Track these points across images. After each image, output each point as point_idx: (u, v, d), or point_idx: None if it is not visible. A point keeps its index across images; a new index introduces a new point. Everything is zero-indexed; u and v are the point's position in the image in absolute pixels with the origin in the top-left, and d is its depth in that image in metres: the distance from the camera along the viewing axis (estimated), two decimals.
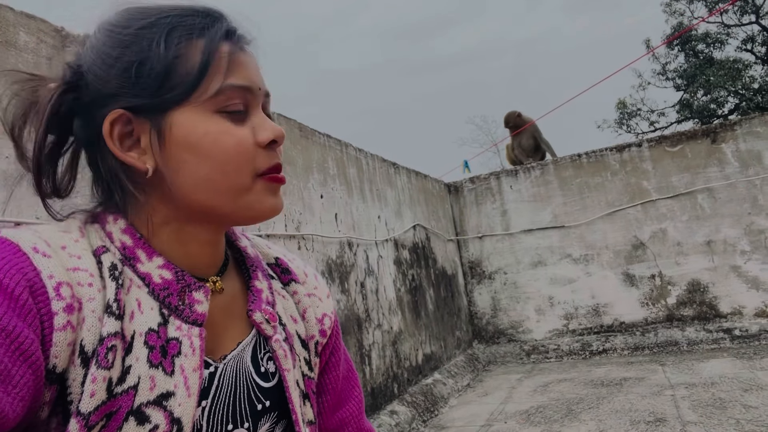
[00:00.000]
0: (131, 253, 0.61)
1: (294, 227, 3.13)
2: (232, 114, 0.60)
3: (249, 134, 0.61)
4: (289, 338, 0.71)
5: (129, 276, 0.59)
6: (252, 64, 0.63)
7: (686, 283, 5.11)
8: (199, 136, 0.59)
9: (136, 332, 0.57)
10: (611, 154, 5.46)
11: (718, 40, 15.07)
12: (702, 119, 14.84)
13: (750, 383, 3.60)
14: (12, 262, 0.51)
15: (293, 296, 0.75)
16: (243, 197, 0.61)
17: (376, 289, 3.94)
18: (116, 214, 0.63)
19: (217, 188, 0.60)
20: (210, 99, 0.59)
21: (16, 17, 1.79)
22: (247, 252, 0.74)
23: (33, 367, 0.48)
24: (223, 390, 0.62)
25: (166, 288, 0.60)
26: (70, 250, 0.57)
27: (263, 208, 0.63)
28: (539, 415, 3.59)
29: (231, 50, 0.61)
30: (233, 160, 0.59)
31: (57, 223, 0.62)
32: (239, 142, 0.60)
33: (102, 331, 0.54)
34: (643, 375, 4.24)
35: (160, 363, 0.57)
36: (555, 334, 5.56)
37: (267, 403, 0.66)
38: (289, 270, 0.78)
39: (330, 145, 3.77)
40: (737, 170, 4.98)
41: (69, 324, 0.52)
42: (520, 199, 5.79)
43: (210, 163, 0.59)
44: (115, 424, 0.53)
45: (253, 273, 0.72)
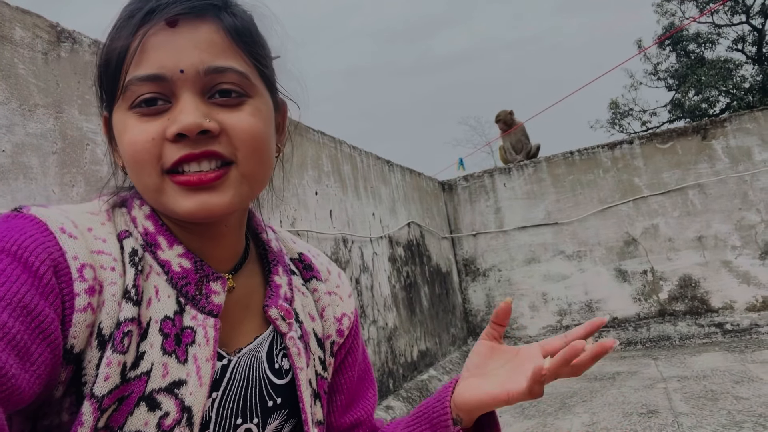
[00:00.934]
0: (153, 239, 0.61)
1: (289, 223, 3.15)
2: (144, 108, 0.56)
3: (155, 129, 0.55)
4: (305, 336, 0.69)
5: (149, 262, 0.59)
6: (175, 43, 0.56)
7: (678, 279, 5.16)
8: (116, 135, 0.59)
9: (152, 319, 0.57)
10: (603, 152, 5.51)
11: (709, 40, 15.22)
12: (693, 119, 14.95)
13: (741, 375, 3.64)
14: (39, 240, 0.51)
15: (313, 293, 0.74)
16: (160, 197, 0.57)
17: (371, 285, 3.96)
18: (142, 200, 0.63)
19: (138, 185, 0.59)
20: (122, 97, 0.57)
21: (11, 12, 1.80)
22: (270, 246, 0.72)
23: (51, 346, 0.48)
24: (235, 383, 0.61)
25: (185, 277, 0.60)
26: (96, 233, 0.57)
27: (181, 212, 0.57)
28: (533, 408, 3.62)
29: (144, 33, 0.55)
30: (131, 157, 0.57)
31: (86, 204, 0.62)
32: (134, 140, 0.56)
33: (119, 315, 0.54)
34: (635, 369, 4.28)
35: (173, 351, 0.57)
36: (549, 330, 5.60)
37: (278, 400, 0.65)
38: (311, 266, 0.76)
39: (324, 142, 3.79)
40: (727, 166, 5.04)
41: (89, 306, 0.52)
42: (513, 196, 5.83)
43: (125, 162, 0.59)
44: (126, 408, 0.53)
45: (274, 268, 0.70)
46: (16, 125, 1.75)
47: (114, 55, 0.57)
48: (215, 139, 0.56)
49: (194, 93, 0.56)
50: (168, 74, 0.55)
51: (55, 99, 1.89)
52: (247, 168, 0.58)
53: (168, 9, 0.56)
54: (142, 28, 0.56)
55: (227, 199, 0.57)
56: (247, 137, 0.58)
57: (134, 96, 0.56)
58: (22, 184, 1.73)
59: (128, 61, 0.56)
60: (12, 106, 1.74)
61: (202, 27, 0.57)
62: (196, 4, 0.57)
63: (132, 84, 0.55)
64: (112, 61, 0.58)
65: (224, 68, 0.57)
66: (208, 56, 0.56)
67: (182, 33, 0.56)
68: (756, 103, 13.63)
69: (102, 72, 0.59)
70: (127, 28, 0.57)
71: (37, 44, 1.87)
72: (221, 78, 0.57)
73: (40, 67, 1.87)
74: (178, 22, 0.56)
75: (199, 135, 0.55)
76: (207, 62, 0.56)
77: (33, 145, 1.79)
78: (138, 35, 0.56)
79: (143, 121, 0.56)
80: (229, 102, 0.57)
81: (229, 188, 0.57)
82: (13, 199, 1.69)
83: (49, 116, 1.86)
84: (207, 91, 0.57)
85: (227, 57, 0.58)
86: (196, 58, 0.56)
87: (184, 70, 0.55)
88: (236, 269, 0.67)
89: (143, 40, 0.55)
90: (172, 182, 0.56)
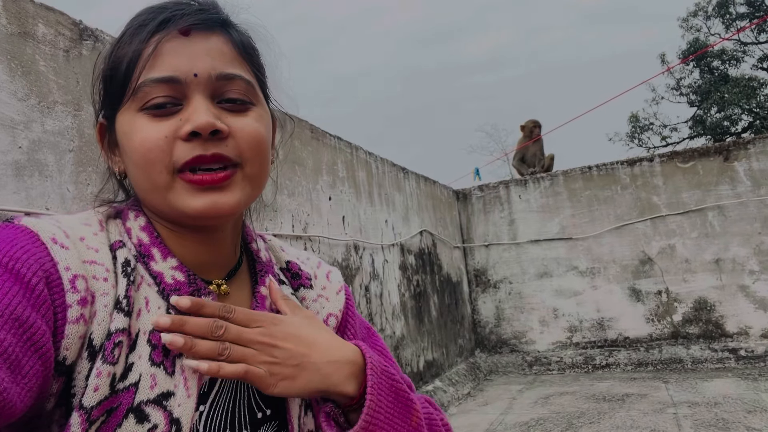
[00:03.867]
0: (146, 250, 0.61)
1: (301, 228, 3.13)
2: (155, 109, 0.58)
3: (167, 128, 0.57)
4: None
5: (141, 273, 0.60)
6: (189, 49, 0.59)
7: (693, 301, 5.06)
8: (121, 136, 0.60)
9: (141, 330, 0.57)
10: (622, 168, 5.43)
11: (734, 57, 15.00)
12: (715, 136, 14.75)
13: (754, 405, 3.56)
14: (30, 251, 0.51)
15: (302, 302, 0.74)
16: (167, 195, 0.58)
17: (381, 293, 3.93)
18: (138, 211, 0.64)
19: (145, 187, 0.60)
20: (133, 98, 0.58)
21: (35, 9, 1.80)
22: (258, 255, 0.72)
23: (43, 359, 0.48)
24: (223, 396, 0.61)
25: (177, 290, 0.60)
26: (89, 243, 0.57)
27: (188, 210, 0.58)
28: (539, 427, 3.57)
29: (159, 39, 0.58)
30: (143, 157, 0.57)
31: (78, 214, 0.62)
32: (146, 138, 0.57)
33: (110, 326, 0.54)
34: (645, 392, 4.20)
35: (161, 362, 0.56)
36: (558, 347, 5.53)
37: (267, 412, 0.65)
38: (299, 274, 0.76)
39: (340, 147, 3.77)
40: (749, 189, 4.94)
41: (82, 317, 0.52)
42: (528, 209, 5.77)
43: (132, 162, 0.59)
44: (115, 420, 0.53)
45: (261, 278, 0.70)
46: (34, 122, 1.74)
47: (125, 59, 0.59)
48: (223, 142, 0.58)
49: (205, 96, 0.59)
50: (182, 77, 0.58)
51: (74, 97, 1.89)
52: (251, 170, 0.61)
53: (183, 19, 0.59)
54: (157, 35, 0.58)
55: (235, 198, 0.59)
56: (252, 140, 0.60)
57: (147, 97, 0.58)
58: (37, 182, 1.73)
59: (141, 64, 0.58)
60: (31, 102, 1.74)
61: (212, 38, 0.61)
62: (208, 18, 0.61)
63: (146, 85, 0.57)
64: (122, 65, 0.59)
65: (233, 75, 0.60)
66: (219, 63, 0.60)
67: (195, 41, 0.60)
68: None
69: (108, 76, 0.61)
70: (139, 35, 0.59)
71: (60, 41, 1.87)
72: (230, 85, 0.60)
73: (61, 65, 1.86)
74: (190, 32, 0.59)
75: (211, 135, 0.57)
76: (218, 69, 0.59)
77: (50, 143, 1.78)
78: (152, 41, 0.58)
79: (155, 121, 0.58)
80: (236, 107, 0.61)
81: (236, 188, 0.60)
82: (27, 197, 1.68)
83: (67, 114, 1.86)
84: (216, 96, 0.60)
85: (235, 66, 0.61)
86: (208, 64, 0.59)
87: (198, 74, 0.58)
88: (230, 276, 0.67)
89: (158, 45, 0.58)
90: (183, 180, 0.58)
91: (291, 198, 3.09)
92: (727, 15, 14.93)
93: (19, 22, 1.74)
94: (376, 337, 0.81)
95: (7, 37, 1.69)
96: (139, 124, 0.58)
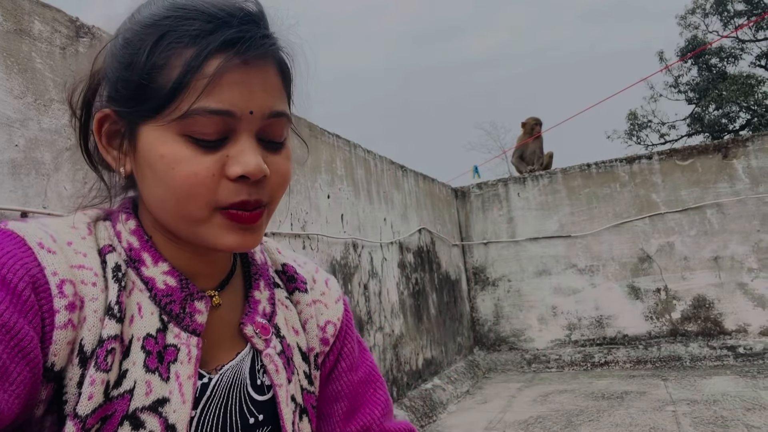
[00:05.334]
0: (137, 255, 0.60)
1: (300, 226, 3.12)
2: (202, 140, 0.54)
3: (213, 164, 0.54)
4: (287, 351, 0.68)
5: (132, 278, 0.59)
6: (248, 83, 0.55)
7: (691, 299, 5.07)
8: (156, 157, 0.55)
9: (134, 336, 0.56)
10: (621, 166, 5.43)
11: (732, 54, 15.02)
12: (713, 133, 14.76)
13: (753, 402, 3.56)
14: (17, 256, 0.50)
15: (296, 306, 0.73)
16: (199, 227, 0.57)
17: (379, 291, 3.92)
18: (128, 214, 0.62)
19: (172, 212, 0.57)
20: (178, 120, 0.53)
21: (31, 6, 1.79)
22: (254, 259, 0.71)
23: (31, 365, 0.47)
24: (215, 401, 0.61)
25: (169, 295, 0.59)
26: (76, 247, 0.56)
27: (221, 245, 0.57)
28: (538, 425, 3.56)
29: (221, 65, 0.53)
30: (185, 190, 0.54)
31: (66, 218, 0.61)
32: (194, 173, 0.54)
33: (102, 332, 0.53)
34: (644, 389, 4.20)
35: (156, 368, 0.56)
36: (557, 344, 5.53)
37: (260, 417, 0.64)
38: (294, 277, 0.74)
39: (339, 145, 3.76)
40: (747, 187, 4.94)
41: (70, 322, 0.51)
42: (527, 206, 5.76)
43: (164, 187, 0.55)
44: (110, 428, 0.52)
45: (255, 282, 0.69)
46: (31, 120, 1.73)
47: (172, 73, 0.53)
48: (262, 184, 0.57)
49: (252, 134, 0.56)
50: (238, 113, 0.54)
51: None
52: (273, 207, 0.61)
53: (248, 47, 0.54)
54: (218, 57, 0.53)
55: (259, 237, 0.60)
56: (283, 182, 0.60)
57: (196, 126, 0.53)
58: (34, 180, 1.71)
59: (196, 88, 0.52)
60: (27, 100, 1.72)
61: (268, 69, 0.57)
62: (270, 50, 0.57)
63: (198, 114, 0.53)
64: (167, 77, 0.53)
65: (282, 113, 0.58)
66: (272, 100, 0.57)
67: (254, 73, 0.55)
68: None
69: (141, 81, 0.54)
70: (194, 48, 0.53)
71: (56, 38, 1.86)
72: (277, 123, 0.58)
73: (58, 62, 1.85)
74: (250, 61, 0.55)
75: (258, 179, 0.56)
76: (271, 107, 0.57)
77: (47, 141, 1.77)
78: (212, 63, 0.53)
79: (200, 153, 0.54)
80: (274, 146, 0.59)
81: (261, 228, 0.60)
82: (24, 195, 1.67)
83: (64, 112, 1.84)
84: (259, 132, 0.57)
85: (282, 102, 0.59)
86: (263, 101, 0.56)
87: (254, 111, 0.55)
88: (222, 285, 0.66)
89: (219, 71, 0.53)
90: (222, 217, 0.56)
91: (289, 196, 3.08)
92: (725, 12, 14.93)
93: (15, 19, 1.72)
94: (366, 353, 0.80)
95: (3, 34, 1.67)
96: (183, 153, 0.54)
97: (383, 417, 0.75)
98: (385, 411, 0.75)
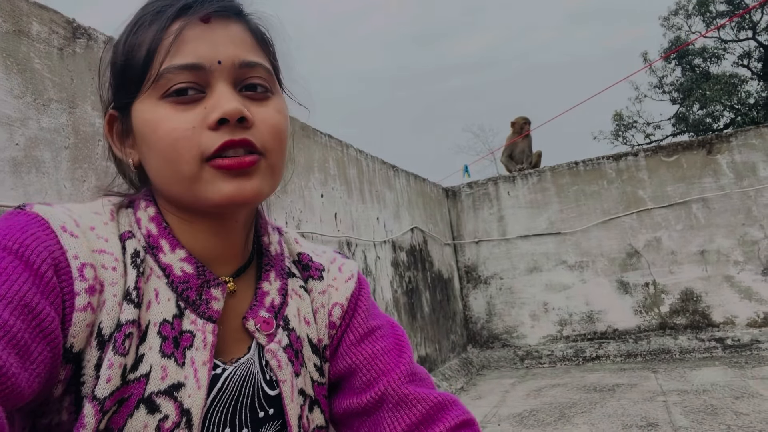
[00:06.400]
0: (155, 242, 0.61)
1: (294, 225, 3.15)
2: (178, 97, 0.56)
3: (193, 117, 0.56)
4: (296, 343, 0.67)
5: (150, 265, 0.60)
6: (211, 36, 0.58)
7: (680, 292, 5.15)
8: (142, 126, 0.58)
9: (151, 322, 0.57)
10: (608, 163, 5.51)
11: (715, 54, 15.23)
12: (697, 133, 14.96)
13: (741, 391, 3.64)
14: (41, 239, 0.51)
15: (310, 294, 0.72)
16: (194, 186, 0.57)
17: (373, 289, 3.96)
18: (148, 201, 0.63)
19: (168, 177, 0.58)
20: (154, 85, 0.56)
21: (29, 7, 1.81)
22: (268, 249, 0.71)
23: (51, 345, 0.48)
24: (226, 393, 0.61)
25: (186, 281, 0.60)
26: (98, 232, 0.57)
27: (218, 198, 0.57)
28: (532, 418, 3.61)
29: (180, 26, 0.57)
30: (169, 146, 0.56)
31: (90, 203, 0.62)
32: (174, 128, 0.56)
33: (120, 317, 0.54)
34: (635, 381, 4.27)
35: (172, 353, 0.57)
36: (549, 340, 5.59)
37: (270, 411, 0.64)
38: (309, 266, 0.74)
39: (331, 145, 3.80)
40: (732, 181, 5.04)
41: (89, 305, 0.52)
42: (517, 205, 5.83)
43: (154, 152, 0.58)
44: (126, 410, 0.53)
45: (265, 273, 0.69)
46: (30, 119, 1.75)
47: (143, 46, 0.58)
48: (248, 130, 0.58)
49: (228, 84, 0.58)
50: (206, 64, 0.57)
51: (69, 94, 1.90)
52: (273, 160, 0.60)
53: (203, 6, 0.58)
54: (177, 21, 0.57)
55: (259, 185, 0.59)
56: (274, 131, 0.60)
57: (169, 84, 0.56)
58: (34, 178, 1.74)
59: (163, 50, 0.56)
60: (27, 100, 1.75)
61: (232, 25, 0.60)
62: (228, 5, 0.60)
63: (168, 72, 0.56)
64: (139, 52, 0.58)
65: (255, 63, 0.60)
66: (241, 51, 0.59)
67: (216, 29, 0.58)
68: (760, 119, 13.64)
69: (122, 65, 0.60)
70: (158, 21, 0.58)
71: (54, 39, 1.88)
72: (251, 72, 0.59)
73: (56, 63, 1.88)
74: (210, 19, 0.58)
75: (237, 122, 0.56)
76: (241, 56, 0.59)
77: (46, 140, 1.80)
78: (173, 27, 0.57)
79: (179, 109, 0.56)
80: (257, 96, 0.60)
81: (260, 176, 0.59)
82: (25, 193, 1.70)
83: (62, 111, 1.87)
84: (237, 84, 0.59)
85: (256, 54, 0.61)
86: (231, 51, 0.58)
87: (222, 61, 0.57)
88: (239, 272, 0.66)
89: (181, 31, 0.57)
90: (212, 168, 0.56)
91: (284, 194, 3.12)
92: (707, 13, 15.16)
93: (14, 20, 1.75)
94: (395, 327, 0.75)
95: (2, 35, 1.70)
96: (163, 113, 0.56)
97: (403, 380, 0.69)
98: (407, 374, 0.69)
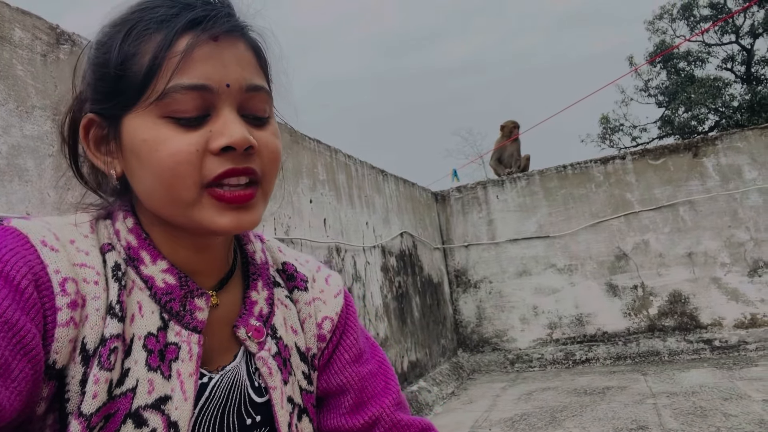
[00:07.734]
0: (135, 254, 0.59)
1: (283, 231, 3.13)
2: (181, 118, 0.54)
3: (197, 141, 0.54)
4: (284, 352, 0.68)
5: (132, 277, 0.59)
6: (221, 57, 0.55)
7: (668, 294, 5.19)
8: (139, 144, 0.55)
9: (136, 335, 0.56)
10: (596, 166, 5.55)
11: (699, 58, 15.43)
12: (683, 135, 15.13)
13: (730, 392, 3.66)
14: (20, 254, 0.50)
15: (296, 305, 0.72)
16: (191, 211, 0.56)
17: (363, 295, 3.94)
18: (127, 212, 0.62)
19: (162, 199, 0.56)
20: (156, 102, 0.53)
21: (11, 13, 1.79)
22: (253, 258, 0.70)
23: (33, 362, 0.47)
24: (213, 402, 0.61)
25: (169, 293, 0.59)
26: (79, 245, 0.56)
27: (214, 227, 0.56)
28: (523, 422, 3.61)
29: (190, 43, 0.54)
30: (169, 170, 0.53)
31: (69, 216, 0.61)
32: (177, 151, 0.53)
33: (104, 332, 0.53)
34: (625, 384, 4.29)
35: (158, 367, 0.56)
36: (539, 344, 5.60)
37: (257, 418, 0.64)
38: (294, 276, 0.73)
39: (320, 150, 3.79)
40: (718, 184, 5.09)
41: (72, 320, 0.51)
42: (506, 208, 5.85)
43: (150, 172, 0.55)
44: (113, 426, 0.53)
45: (253, 282, 0.68)
46: (13, 127, 1.72)
47: (144, 58, 0.54)
48: (251, 157, 0.56)
49: (234, 108, 0.56)
50: (215, 87, 0.54)
51: (52, 101, 1.87)
52: (268, 187, 0.60)
53: (214, 23, 0.55)
54: (186, 36, 0.54)
55: (256, 217, 0.58)
56: (273, 157, 0.59)
57: (175, 105, 0.53)
58: (17, 187, 1.71)
59: (168, 68, 0.53)
60: (9, 107, 1.72)
61: (239, 45, 0.58)
62: (237, 24, 0.58)
63: (175, 91, 0.53)
64: (140, 64, 0.54)
65: (260, 87, 0.58)
66: (247, 73, 0.57)
67: (225, 48, 0.56)
68: (744, 122, 13.82)
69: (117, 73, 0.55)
70: (162, 32, 0.54)
71: (36, 45, 1.86)
72: (256, 97, 0.58)
73: (39, 69, 1.85)
74: (219, 37, 0.56)
75: (244, 151, 0.55)
76: (248, 79, 0.57)
77: (29, 147, 1.77)
78: (181, 42, 0.54)
79: (182, 131, 0.54)
80: (258, 122, 0.58)
81: (257, 207, 0.58)
82: (7, 202, 1.67)
83: (46, 118, 1.84)
84: (241, 108, 0.57)
85: (259, 76, 0.59)
86: (238, 74, 0.56)
87: (230, 84, 0.55)
88: (222, 284, 0.65)
89: (190, 48, 0.54)
90: (211, 196, 0.55)
91: (272, 201, 3.09)
92: (691, 17, 15.36)
93: None
94: (376, 348, 0.78)
95: None
96: (164, 134, 0.54)
97: (394, 407, 0.72)
98: (397, 402, 0.73)
